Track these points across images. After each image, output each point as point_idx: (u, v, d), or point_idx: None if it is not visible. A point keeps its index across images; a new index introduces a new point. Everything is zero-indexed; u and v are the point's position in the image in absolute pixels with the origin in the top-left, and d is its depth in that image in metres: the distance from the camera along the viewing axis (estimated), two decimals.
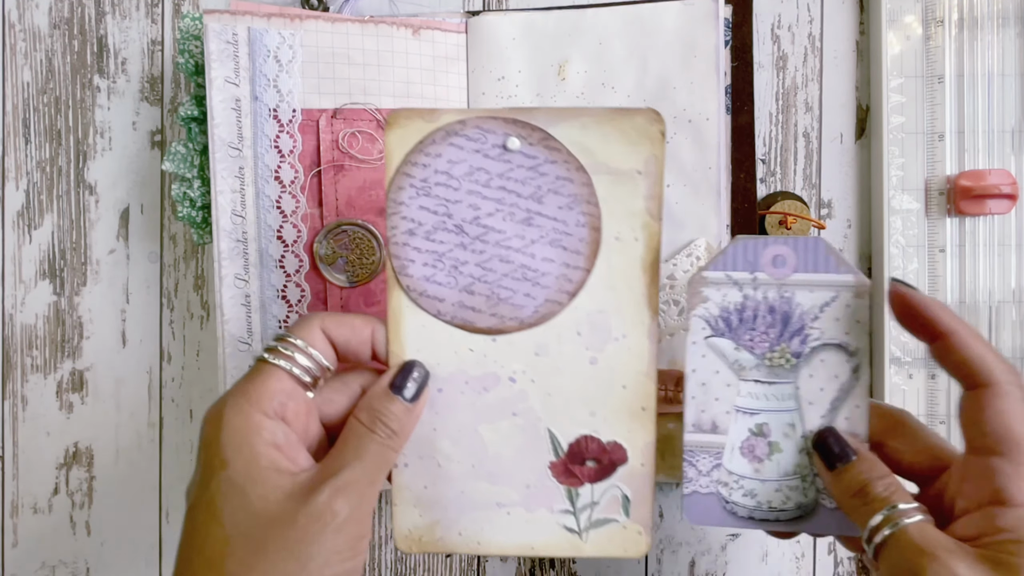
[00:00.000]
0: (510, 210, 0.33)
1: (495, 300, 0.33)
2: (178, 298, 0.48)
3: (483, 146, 0.32)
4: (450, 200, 0.33)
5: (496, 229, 0.33)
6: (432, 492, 0.34)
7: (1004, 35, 0.45)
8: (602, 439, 0.34)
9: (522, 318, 0.33)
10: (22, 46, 0.47)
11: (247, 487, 0.29)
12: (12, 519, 0.47)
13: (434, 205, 0.33)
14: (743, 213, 0.45)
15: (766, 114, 0.47)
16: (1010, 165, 0.45)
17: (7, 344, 0.47)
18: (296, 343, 0.32)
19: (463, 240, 0.33)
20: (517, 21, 0.45)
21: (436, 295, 0.33)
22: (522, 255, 0.33)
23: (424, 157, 0.33)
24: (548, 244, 0.33)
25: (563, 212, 0.33)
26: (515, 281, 0.33)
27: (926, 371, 0.46)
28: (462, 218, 0.33)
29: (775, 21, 0.47)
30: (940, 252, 0.46)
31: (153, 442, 0.48)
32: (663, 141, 0.32)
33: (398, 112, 0.32)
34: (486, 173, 0.32)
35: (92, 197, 0.47)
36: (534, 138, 0.32)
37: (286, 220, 0.43)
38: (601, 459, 0.34)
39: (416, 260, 0.33)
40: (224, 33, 0.42)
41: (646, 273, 0.33)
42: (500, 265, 0.33)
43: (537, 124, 0.32)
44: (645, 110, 0.32)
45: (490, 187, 0.33)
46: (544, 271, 0.33)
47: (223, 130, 0.42)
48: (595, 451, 0.34)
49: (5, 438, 0.47)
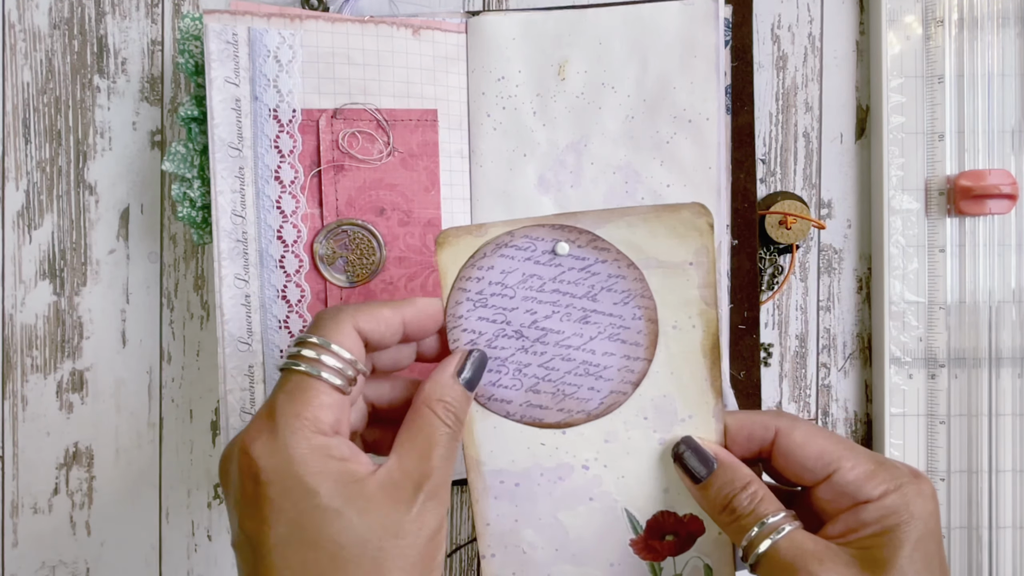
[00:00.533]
0: (566, 311, 0.34)
1: (561, 396, 0.34)
2: (178, 298, 0.48)
3: (533, 253, 0.33)
4: (507, 308, 0.34)
5: (554, 330, 0.34)
6: (526, 568, 0.35)
7: (1004, 35, 0.45)
8: (678, 512, 0.35)
9: (589, 411, 0.34)
10: (22, 46, 0.47)
11: (344, 509, 0.28)
12: (12, 519, 0.47)
13: (492, 315, 0.34)
14: (743, 213, 0.45)
15: (766, 114, 0.47)
16: (1010, 165, 0.45)
17: (7, 344, 0.47)
18: (332, 349, 0.30)
19: (524, 344, 0.34)
20: (517, 21, 0.45)
21: (504, 398, 0.34)
22: (583, 352, 0.34)
23: (477, 271, 0.34)
24: (607, 339, 0.34)
25: (618, 307, 0.34)
26: (578, 377, 0.34)
27: (926, 371, 0.46)
28: (521, 323, 0.34)
29: (775, 21, 0.47)
30: (940, 252, 0.46)
31: (153, 442, 0.48)
32: (712, 232, 0.33)
33: (447, 232, 0.34)
34: (539, 279, 0.34)
35: (92, 197, 0.47)
36: (582, 240, 0.33)
37: (286, 220, 0.43)
38: (679, 532, 0.35)
39: (488, 371, 0.34)
40: (224, 33, 0.42)
41: (707, 357, 0.34)
42: (562, 363, 0.34)
43: (584, 227, 0.33)
44: (691, 205, 0.33)
45: (544, 291, 0.34)
46: (606, 364, 0.34)
47: (223, 130, 0.42)
48: (672, 525, 0.35)
49: (5, 438, 0.47)
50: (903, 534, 0.29)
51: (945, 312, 0.46)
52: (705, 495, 0.32)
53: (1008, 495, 0.46)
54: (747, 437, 0.33)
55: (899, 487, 0.30)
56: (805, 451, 0.31)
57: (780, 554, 0.30)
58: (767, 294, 0.47)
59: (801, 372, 0.48)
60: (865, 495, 0.30)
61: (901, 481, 0.30)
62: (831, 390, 0.48)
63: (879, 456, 0.32)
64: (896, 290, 0.46)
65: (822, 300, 0.48)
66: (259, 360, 0.43)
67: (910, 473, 0.31)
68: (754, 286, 0.45)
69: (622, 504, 0.35)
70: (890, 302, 0.46)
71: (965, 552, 0.46)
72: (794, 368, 0.48)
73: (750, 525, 0.31)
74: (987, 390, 0.46)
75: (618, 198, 0.44)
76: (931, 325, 0.46)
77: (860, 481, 0.30)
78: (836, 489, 0.31)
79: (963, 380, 0.46)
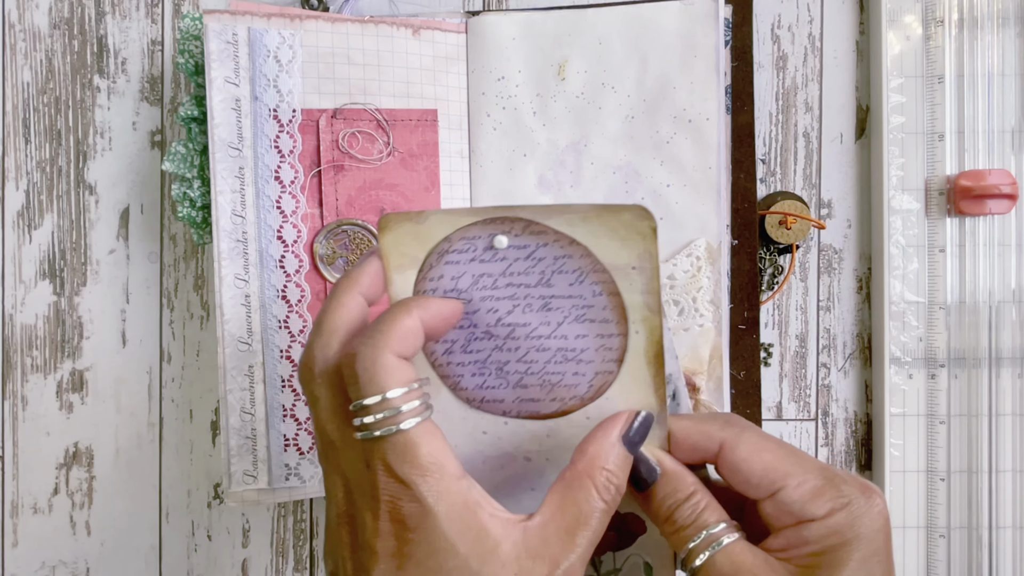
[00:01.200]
0: (526, 302, 0.33)
1: (549, 387, 0.33)
2: (178, 298, 0.48)
3: (476, 253, 0.33)
4: (469, 312, 0.33)
5: (521, 324, 0.33)
6: None
7: (1004, 35, 0.45)
8: (619, 510, 0.34)
9: (581, 395, 0.33)
10: (22, 46, 0.47)
11: (482, 570, 0.27)
12: (12, 519, 0.47)
13: (461, 321, 0.33)
14: (743, 213, 0.45)
15: (766, 114, 0.47)
16: (1010, 165, 0.45)
17: (7, 344, 0.47)
18: (404, 393, 0.28)
19: (496, 343, 0.33)
20: (517, 21, 0.45)
21: (495, 398, 0.34)
22: (555, 339, 0.33)
23: (430, 283, 0.33)
24: (575, 321, 0.33)
25: (575, 287, 0.33)
26: (559, 364, 0.33)
27: (926, 371, 0.46)
28: (487, 324, 0.33)
29: (775, 21, 0.47)
30: (940, 252, 0.46)
31: (153, 442, 0.48)
32: (655, 237, 0.31)
33: (388, 216, 0.32)
34: (489, 276, 0.33)
35: (92, 197, 0.47)
36: (517, 228, 0.32)
37: (286, 220, 0.43)
38: (619, 529, 0.34)
39: (464, 373, 0.34)
40: (224, 33, 0.42)
41: (651, 365, 0.33)
42: (539, 355, 0.33)
43: (524, 218, 0.32)
44: (633, 207, 0.31)
45: (498, 287, 0.33)
46: (582, 347, 0.33)
47: (223, 130, 0.42)
48: (612, 522, 0.34)
49: (5, 438, 0.47)
50: (845, 554, 0.28)
51: (945, 312, 0.46)
52: (648, 503, 0.31)
53: (1008, 495, 0.46)
54: (691, 447, 0.31)
55: (846, 505, 0.29)
56: (750, 467, 0.30)
57: (716, 568, 0.29)
58: (767, 294, 0.47)
59: (801, 372, 0.48)
60: (810, 514, 0.29)
61: (849, 499, 0.29)
62: (831, 390, 0.48)
63: (830, 471, 0.30)
64: (896, 290, 0.46)
65: (822, 300, 0.48)
66: (259, 360, 0.43)
67: (861, 489, 0.29)
68: (754, 286, 0.45)
69: None
70: (890, 302, 0.46)
71: (965, 552, 0.46)
72: (794, 368, 0.48)
73: (691, 536, 0.30)
74: (987, 390, 0.46)
75: (618, 198, 0.44)
76: (931, 325, 0.46)
77: (805, 499, 0.29)
78: (781, 507, 0.29)
79: (963, 380, 0.46)
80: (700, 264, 0.44)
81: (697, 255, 0.44)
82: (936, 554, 0.46)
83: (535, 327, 0.33)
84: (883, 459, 0.46)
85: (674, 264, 0.44)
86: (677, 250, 0.44)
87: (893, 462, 0.46)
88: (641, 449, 0.31)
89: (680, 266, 0.44)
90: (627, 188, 0.44)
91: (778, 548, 0.30)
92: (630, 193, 0.44)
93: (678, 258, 0.44)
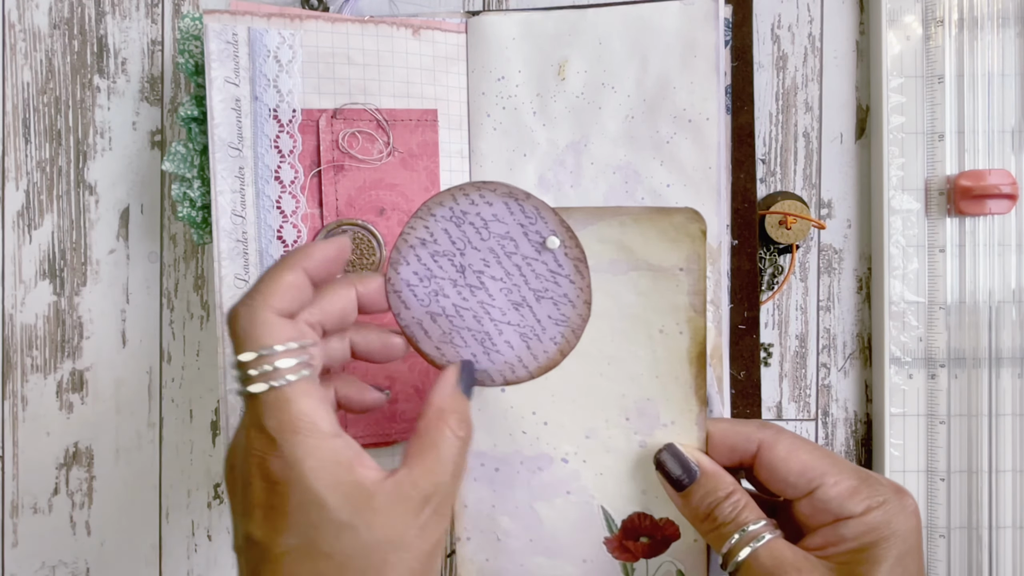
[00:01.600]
0: (510, 288, 0.33)
1: (452, 339, 0.33)
2: (178, 298, 0.48)
3: (527, 229, 0.33)
4: (471, 243, 0.33)
5: (489, 292, 0.33)
6: (494, 565, 0.36)
7: (1004, 35, 0.45)
8: (654, 515, 0.34)
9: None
10: (22, 46, 0.47)
11: (354, 521, 0.28)
12: (12, 519, 0.47)
13: (456, 236, 0.33)
14: (743, 213, 0.45)
15: (766, 114, 0.47)
16: (1010, 165, 0.45)
17: (7, 344, 0.47)
18: (281, 351, 0.29)
19: (456, 279, 0.33)
20: (517, 21, 0.45)
21: (406, 301, 0.33)
22: (495, 325, 0.33)
23: (478, 196, 0.33)
24: (519, 336, 0.33)
25: (552, 310, 0.33)
26: (479, 335, 0.34)
27: (926, 371, 0.46)
28: (469, 263, 0.33)
29: (775, 21, 0.47)
30: (940, 252, 0.46)
31: (153, 442, 0.48)
32: (704, 239, 0.33)
33: None
34: (515, 248, 0.33)
35: (92, 197, 0.47)
36: (569, 244, 0.32)
37: (286, 220, 0.43)
38: (654, 535, 0.35)
39: (409, 264, 0.33)
40: (224, 33, 0.42)
41: (692, 364, 0.33)
42: (474, 322, 0.33)
43: (576, 219, 0.33)
44: (684, 210, 0.32)
45: (509, 260, 0.33)
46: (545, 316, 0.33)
47: (223, 130, 0.42)
48: (648, 528, 0.35)
49: (5, 438, 0.47)
50: (883, 551, 0.29)
51: (945, 312, 0.46)
52: (687, 503, 0.32)
53: (1008, 495, 0.46)
54: (730, 448, 0.33)
55: (881, 504, 0.30)
56: (788, 466, 0.31)
57: (759, 562, 0.30)
58: (767, 294, 0.47)
59: (801, 372, 0.48)
60: (847, 511, 0.30)
61: (884, 497, 0.30)
62: (831, 390, 0.48)
63: (863, 471, 0.31)
64: (896, 290, 0.46)
65: (822, 300, 0.48)
66: None
67: (894, 489, 0.31)
68: (754, 286, 0.45)
69: (599, 501, 0.35)
70: (890, 302, 0.46)
71: (965, 552, 0.46)
72: (794, 368, 0.48)
73: (731, 533, 0.31)
74: (987, 390, 0.46)
75: (618, 198, 0.44)
76: (931, 325, 0.46)
77: (842, 498, 0.30)
78: (818, 505, 0.31)
79: (963, 380, 0.46)
80: None
81: None
82: (936, 554, 0.46)
83: (493, 305, 0.33)
84: (883, 459, 0.46)
85: None
86: None
87: (893, 462, 0.46)
88: (681, 450, 0.33)
89: None
90: (627, 188, 0.44)
91: (816, 547, 0.30)
92: (630, 193, 0.44)
93: None
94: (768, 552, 0.30)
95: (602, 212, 0.33)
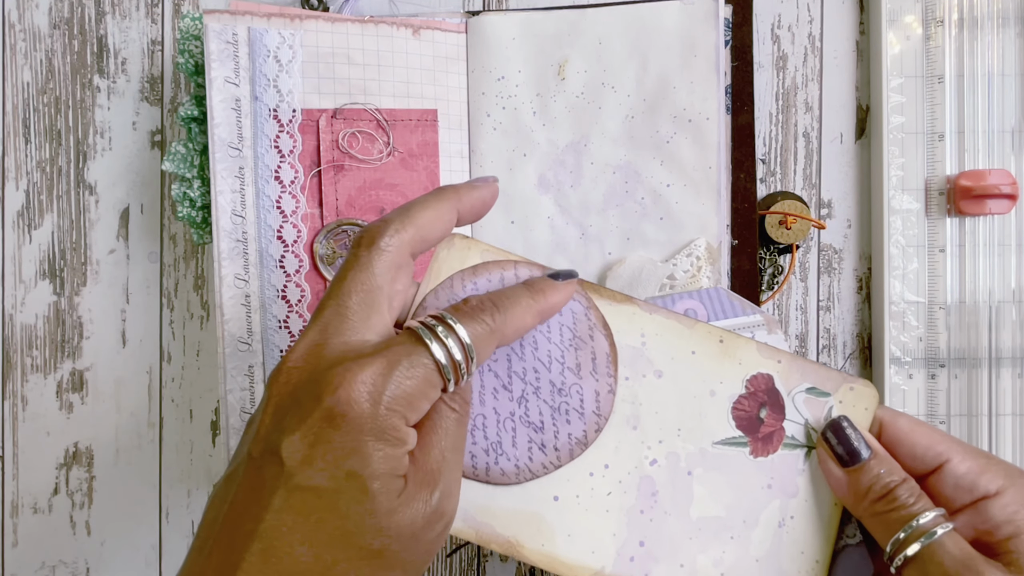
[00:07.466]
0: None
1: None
2: (178, 298, 0.48)
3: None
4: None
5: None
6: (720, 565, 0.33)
7: (1004, 35, 0.45)
8: (742, 390, 0.33)
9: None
10: (22, 46, 0.47)
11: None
12: (12, 519, 0.47)
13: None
14: (743, 213, 0.45)
15: (766, 114, 0.47)
16: (1010, 165, 0.45)
17: (7, 344, 0.47)
18: (464, 354, 0.28)
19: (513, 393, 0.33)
20: (517, 21, 0.45)
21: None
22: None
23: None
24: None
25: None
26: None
27: (926, 371, 0.46)
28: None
29: (775, 21, 0.47)
30: (940, 252, 0.46)
31: (153, 442, 0.48)
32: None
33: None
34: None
35: (92, 197, 0.47)
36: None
37: (286, 220, 0.43)
38: (761, 399, 0.33)
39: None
40: (224, 33, 0.42)
41: None
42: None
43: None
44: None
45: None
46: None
47: (223, 130, 0.42)
48: (752, 401, 0.33)
49: (5, 438, 0.47)
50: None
51: (945, 312, 0.46)
52: (855, 480, 0.30)
53: None
54: None
55: (1014, 483, 0.29)
56: (913, 439, 0.30)
57: (949, 549, 0.28)
58: (767, 294, 0.47)
59: None
60: (983, 489, 0.29)
61: (1013, 478, 0.29)
62: None
63: (983, 451, 0.31)
64: (896, 290, 0.46)
65: (822, 300, 0.48)
66: (259, 360, 0.43)
67: (1018, 471, 0.30)
68: (754, 286, 0.45)
69: (708, 446, 0.32)
70: (890, 302, 0.46)
71: None
72: None
73: (906, 519, 0.29)
74: (987, 390, 0.46)
75: (618, 198, 0.44)
76: (931, 325, 0.46)
77: (974, 474, 0.29)
78: (951, 481, 0.29)
79: (963, 380, 0.46)
80: (700, 264, 0.44)
81: (697, 255, 0.44)
82: None
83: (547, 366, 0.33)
84: None
85: (674, 264, 0.44)
86: (677, 250, 0.44)
87: None
88: (856, 426, 0.31)
89: (680, 266, 0.44)
90: (627, 188, 0.44)
91: (972, 538, 0.29)
92: (630, 193, 0.44)
93: (678, 258, 0.44)
94: (956, 543, 0.28)
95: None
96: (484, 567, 0.48)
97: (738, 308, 0.34)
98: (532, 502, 0.32)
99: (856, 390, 0.32)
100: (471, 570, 0.48)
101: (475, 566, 0.48)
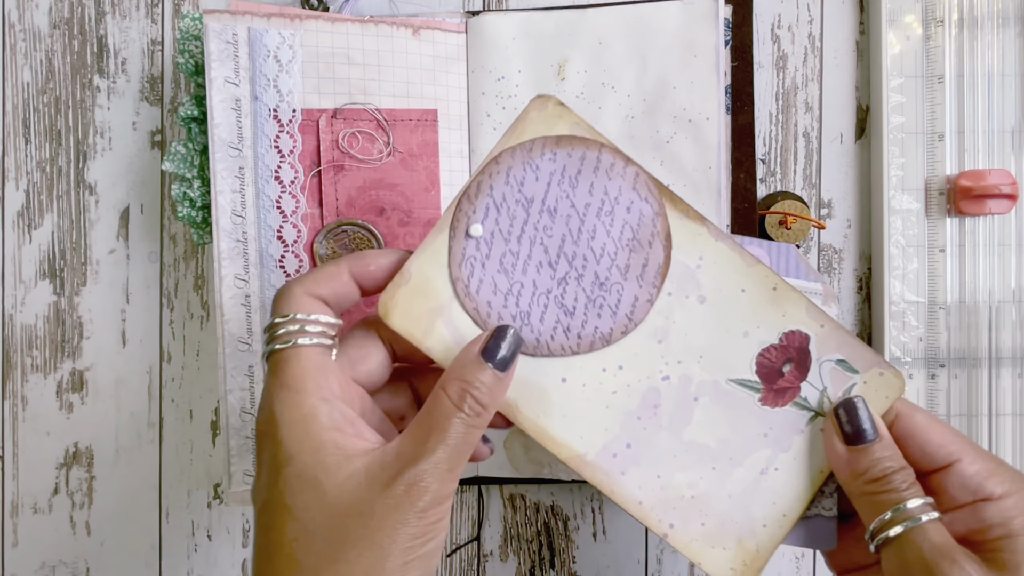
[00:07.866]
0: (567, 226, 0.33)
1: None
2: (178, 298, 0.48)
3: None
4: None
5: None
6: (704, 508, 0.33)
7: (1004, 35, 0.45)
8: (774, 341, 0.33)
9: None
10: (22, 46, 0.47)
11: (320, 478, 0.28)
12: (12, 519, 0.47)
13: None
14: (743, 213, 0.45)
15: (766, 114, 0.47)
16: (1010, 165, 0.45)
17: (7, 344, 0.47)
18: (298, 318, 0.30)
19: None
20: (517, 21, 0.45)
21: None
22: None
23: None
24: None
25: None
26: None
27: (926, 371, 0.46)
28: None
29: (775, 21, 0.47)
30: (940, 252, 0.46)
31: (153, 442, 0.48)
32: None
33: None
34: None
35: (92, 197, 0.47)
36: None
37: (286, 220, 0.43)
38: (791, 356, 0.33)
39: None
40: (224, 33, 0.42)
41: None
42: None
43: None
44: None
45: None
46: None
47: (223, 130, 0.42)
48: (780, 355, 0.33)
49: (5, 438, 0.47)
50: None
51: (945, 312, 0.46)
52: (855, 459, 0.31)
53: None
54: None
55: (1019, 490, 0.29)
56: (927, 435, 0.31)
57: (929, 536, 0.29)
58: None
59: None
60: (987, 491, 0.29)
61: (1020, 485, 0.29)
62: None
63: (995, 456, 0.31)
64: (896, 290, 0.46)
65: None
66: (259, 360, 0.43)
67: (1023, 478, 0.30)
68: None
69: (722, 380, 0.33)
70: (890, 302, 0.46)
71: None
72: None
73: (896, 501, 0.29)
74: (987, 390, 0.46)
75: None
76: (931, 325, 0.46)
77: (982, 476, 0.29)
78: (957, 481, 0.30)
79: (963, 380, 0.46)
80: None
81: None
82: None
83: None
84: None
85: None
86: None
87: None
88: (870, 409, 0.31)
89: None
90: None
91: (956, 532, 0.30)
92: None
93: None
94: (937, 530, 0.29)
95: None
96: (484, 567, 0.48)
97: (802, 271, 0.34)
98: (542, 376, 0.33)
99: (885, 377, 0.32)
100: (471, 570, 0.48)
101: (475, 566, 0.48)
